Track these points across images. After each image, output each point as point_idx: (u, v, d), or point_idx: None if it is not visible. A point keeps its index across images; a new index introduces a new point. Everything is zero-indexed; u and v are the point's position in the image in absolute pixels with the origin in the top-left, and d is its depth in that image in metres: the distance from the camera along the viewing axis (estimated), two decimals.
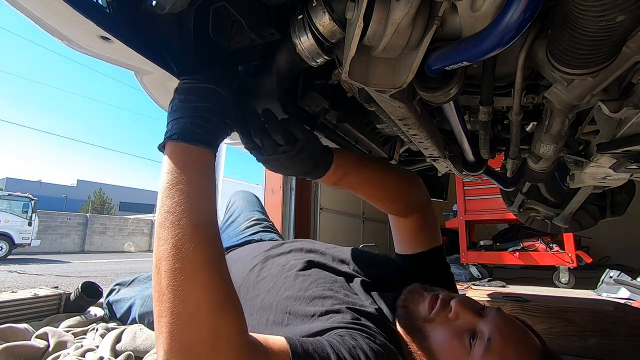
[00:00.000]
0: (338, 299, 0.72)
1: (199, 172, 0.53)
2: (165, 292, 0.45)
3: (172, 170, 0.51)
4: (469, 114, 0.92)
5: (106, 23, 0.50)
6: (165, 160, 0.53)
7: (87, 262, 8.42)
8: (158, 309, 0.46)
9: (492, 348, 0.61)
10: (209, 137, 0.55)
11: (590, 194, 1.26)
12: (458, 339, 0.64)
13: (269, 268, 0.89)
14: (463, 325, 0.66)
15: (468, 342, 0.63)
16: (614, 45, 0.43)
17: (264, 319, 0.73)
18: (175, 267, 0.46)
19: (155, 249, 0.49)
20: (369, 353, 0.58)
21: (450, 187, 2.23)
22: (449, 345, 0.65)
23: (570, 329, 1.63)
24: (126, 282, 1.48)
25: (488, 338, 0.62)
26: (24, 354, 1.07)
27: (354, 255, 0.94)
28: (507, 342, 0.62)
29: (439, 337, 0.66)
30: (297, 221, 3.51)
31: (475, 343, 0.62)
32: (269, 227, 1.50)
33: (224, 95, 0.59)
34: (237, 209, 1.60)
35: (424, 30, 0.50)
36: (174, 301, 0.44)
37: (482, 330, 0.64)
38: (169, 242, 0.47)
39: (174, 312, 0.44)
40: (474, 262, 3.94)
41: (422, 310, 0.71)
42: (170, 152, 0.53)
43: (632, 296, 2.64)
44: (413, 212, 0.94)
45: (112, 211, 26.21)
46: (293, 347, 0.52)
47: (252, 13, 0.61)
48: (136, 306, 1.30)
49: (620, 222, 1.75)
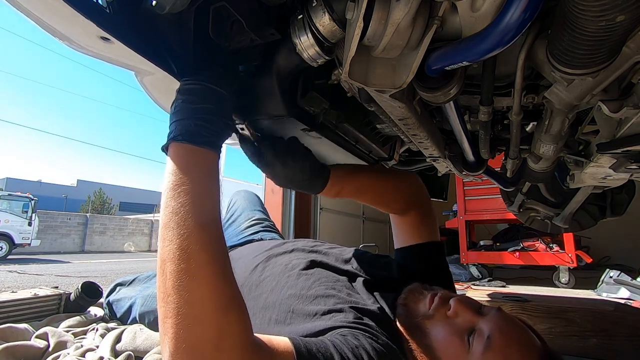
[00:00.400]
0: (340, 298, 0.72)
1: (204, 173, 0.53)
2: (170, 292, 0.45)
3: (176, 171, 0.51)
4: (469, 114, 0.92)
5: (106, 23, 0.50)
6: (169, 162, 0.53)
7: (87, 262, 8.42)
8: (163, 310, 0.46)
9: (493, 346, 0.61)
10: (213, 139, 0.56)
11: (590, 194, 1.26)
12: (458, 337, 0.64)
13: (271, 267, 0.90)
14: (462, 324, 0.66)
15: (467, 340, 0.63)
16: (614, 45, 0.43)
17: (267, 317, 0.74)
18: (180, 268, 0.46)
19: (160, 250, 0.49)
20: (371, 352, 0.58)
21: (450, 187, 2.23)
22: (449, 342, 0.64)
23: (570, 329, 1.63)
24: (126, 281, 1.48)
25: (488, 336, 0.62)
26: (24, 354, 1.07)
27: (356, 254, 0.95)
28: (507, 340, 0.62)
29: (438, 334, 0.66)
30: (297, 221, 3.51)
31: (474, 341, 0.62)
32: (270, 227, 1.50)
33: (226, 96, 0.59)
34: (238, 209, 1.61)
35: (424, 30, 0.50)
36: (180, 302, 0.45)
37: (482, 328, 0.64)
38: (174, 243, 0.47)
39: (180, 313, 0.44)
40: (474, 262, 3.94)
41: (422, 308, 0.72)
42: (174, 154, 0.53)
43: (632, 296, 2.65)
44: (412, 209, 0.99)
45: (112, 211, 26.22)
46: (297, 347, 0.52)
47: (252, 13, 0.61)
48: (137, 305, 1.30)
49: (620, 222, 1.75)
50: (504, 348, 0.61)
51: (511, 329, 0.65)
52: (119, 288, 1.47)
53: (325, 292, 0.74)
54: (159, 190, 0.56)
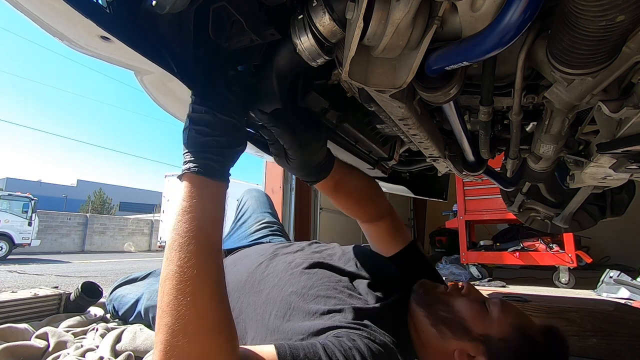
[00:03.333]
0: (341, 299, 0.74)
1: (215, 203, 0.57)
2: (165, 309, 0.48)
3: (187, 198, 0.55)
4: (469, 114, 0.92)
5: (106, 23, 0.50)
6: (182, 188, 0.56)
7: (87, 262, 8.41)
8: (157, 324, 0.48)
9: (507, 307, 0.75)
10: (225, 171, 0.59)
11: (590, 194, 1.26)
12: (477, 304, 0.77)
13: (275, 265, 0.92)
14: (476, 297, 0.79)
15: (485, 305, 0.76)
16: (614, 45, 0.43)
17: (267, 312, 0.76)
18: (177, 288, 0.49)
19: (163, 269, 0.52)
20: (365, 353, 0.58)
21: (450, 187, 2.23)
22: (470, 307, 0.76)
23: (570, 329, 1.63)
24: (140, 276, 1.49)
25: (501, 302, 0.76)
26: (24, 354, 1.07)
27: (358, 255, 0.97)
28: (515, 308, 0.77)
29: (460, 303, 0.77)
30: (297, 221, 3.51)
31: (491, 305, 0.76)
32: (279, 231, 1.51)
33: (236, 124, 0.60)
34: (249, 209, 1.62)
35: (424, 30, 0.50)
36: (172, 319, 0.47)
37: (494, 300, 0.77)
38: (175, 264, 0.50)
39: (170, 329, 0.46)
40: (474, 262, 3.94)
41: (439, 289, 0.83)
42: (188, 183, 0.56)
43: (632, 296, 2.65)
44: (383, 215, 1.01)
45: (112, 211, 26.21)
46: (282, 355, 0.53)
47: (252, 13, 0.61)
48: (143, 300, 1.30)
49: (620, 222, 1.74)
50: (515, 309, 0.76)
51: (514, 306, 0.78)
52: (124, 286, 1.47)
53: (327, 292, 0.75)
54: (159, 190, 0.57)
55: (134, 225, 17.23)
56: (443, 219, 5.26)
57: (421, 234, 7.63)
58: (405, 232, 1.06)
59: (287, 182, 3.50)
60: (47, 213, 14.34)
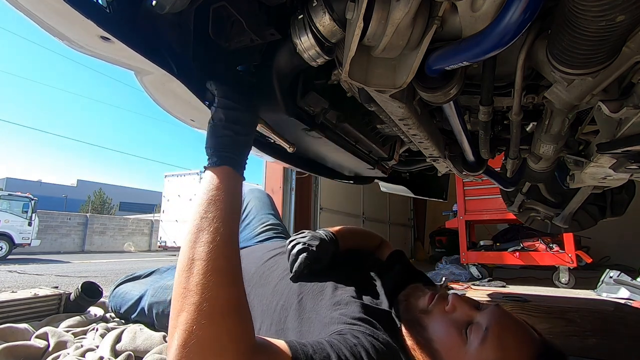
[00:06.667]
0: (347, 295, 0.74)
1: (238, 194, 0.62)
2: (193, 289, 0.49)
3: (214, 188, 0.59)
4: (469, 114, 0.92)
5: (106, 23, 0.50)
6: (210, 178, 0.60)
7: (87, 262, 8.41)
8: (180, 304, 0.49)
9: (490, 338, 0.61)
10: (244, 165, 0.65)
11: (590, 194, 1.26)
12: (455, 329, 0.65)
13: (282, 260, 0.94)
14: (460, 318, 0.67)
15: (464, 332, 0.64)
16: (614, 45, 0.43)
17: (274, 303, 0.79)
18: (209, 267, 0.51)
19: (190, 249, 0.53)
20: (370, 351, 0.59)
21: (450, 187, 2.23)
22: (446, 335, 0.65)
23: (570, 329, 1.63)
24: (143, 274, 1.49)
25: (485, 328, 0.63)
26: (24, 354, 1.07)
27: (364, 254, 1.00)
28: (504, 331, 0.63)
29: (436, 328, 0.67)
30: (297, 221, 3.51)
31: (472, 334, 0.63)
32: (283, 233, 1.52)
33: (256, 123, 0.67)
34: (252, 210, 1.62)
35: (424, 30, 0.50)
36: (201, 299, 0.48)
37: (479, 321, 0.65)
38: (207, 246, 0.53)
39: (197, 309, 0.47)
40: (474, 262, 3.94)
41: (421, 303, 0.73)
42: (216, 174, 0.60)
43: (632, 296, 2.64)
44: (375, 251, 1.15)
45: (112, 211, 26.19)
46: (294, 351, 0.54)
47: (252, 13, 0.61)
48: (147, 296, 1.29)
49: (620, 222, 1.75)
50: (501, 339, 0.61)
51: (508, 321, 0.65)
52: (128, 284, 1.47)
53: (333, 287, 0.77)
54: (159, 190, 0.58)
55: (134, 225, 17.22)
56: (443, 219, 5.26)
57: (421, 234, 7.64)
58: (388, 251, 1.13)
59: (287, 182, 3.50)
60: (47, 213, 14.32)
